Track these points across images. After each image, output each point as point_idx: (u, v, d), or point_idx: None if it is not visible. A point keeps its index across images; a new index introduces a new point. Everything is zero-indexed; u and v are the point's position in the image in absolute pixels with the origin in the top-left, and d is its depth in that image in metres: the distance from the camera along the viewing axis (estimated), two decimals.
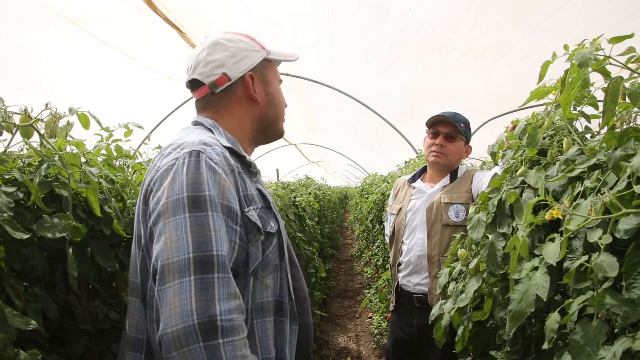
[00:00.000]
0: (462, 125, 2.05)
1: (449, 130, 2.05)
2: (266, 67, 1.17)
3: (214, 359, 0.77)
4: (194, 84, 1.12)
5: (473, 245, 1.33)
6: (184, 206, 0.86)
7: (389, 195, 2.46)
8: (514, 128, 1.38)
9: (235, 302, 0.83)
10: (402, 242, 2.11)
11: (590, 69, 0.91)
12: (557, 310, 0.80)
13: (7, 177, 1.11)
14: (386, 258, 4.79)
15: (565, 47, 1.03)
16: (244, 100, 1.13)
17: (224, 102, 1.12)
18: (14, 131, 1.15)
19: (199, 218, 0.85)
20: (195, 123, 1.12)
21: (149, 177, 0.97)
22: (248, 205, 0.98)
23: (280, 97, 1.21)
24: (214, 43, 1.10)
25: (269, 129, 1.20)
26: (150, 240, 0.90)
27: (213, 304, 0.79)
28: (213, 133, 1.06)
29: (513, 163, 1.24)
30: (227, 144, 1.03)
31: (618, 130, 0.87)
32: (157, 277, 0.83)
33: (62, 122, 1.30)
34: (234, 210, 0.93)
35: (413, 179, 2.24)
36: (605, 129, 0.94)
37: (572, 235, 0.83)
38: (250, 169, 1.08)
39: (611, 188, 0.80)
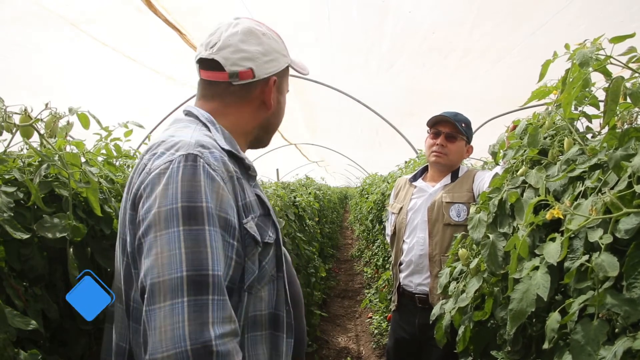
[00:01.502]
0: (463, 125, 2.05)
1: (450, 130, 2.05)
2: (285, 75, 1.11)
3: None
4: (209, 64, 1.00)
5: (474, 245, 1.33)
6: (177, 218, 0.78)
7: (389, 195, 2.46)
8: (514, 128, 1.38)
9: (230, 326, 0.78)
10: (403, 241, 2.11)
11: (591, 69, 0.91)
12: (558, 310, 0.80)
13: (7, 177, 1.11)
14: (386, 258, 4.79)
15: (566, 46, 1.03)
16: (257, 103, 1.05)
17: (237, 97, 1.03)
18: (14, 131, 1.15)
19: (194, 232, 0.78)
20: (188, 114, 1.02)
21: (139, 179, 0.87)
22: (247, 215, 0.92)
23: (284, 109, 1.16)
24: (249, 31, 1.00)
25: (265, 137, 1.14)
26: (138, 251, 0.83)
27: (207, 328, 0.73)
28: (209, 130, 0.97)
29: (514, 163, 1.24)
30: (226, 146, 0.95)
31: (619, 130, 0.87)
32: (145, 295, 0.76)
33: (62, 122, 1.30)
34: (231, 223, 0.85)
35: (414, 178, 2.24)
36: (606, 129, 0.94)
37: (572, 235, 0.83)
38: (249, 173, 1.01)
39: (612, 188, 0.80)
